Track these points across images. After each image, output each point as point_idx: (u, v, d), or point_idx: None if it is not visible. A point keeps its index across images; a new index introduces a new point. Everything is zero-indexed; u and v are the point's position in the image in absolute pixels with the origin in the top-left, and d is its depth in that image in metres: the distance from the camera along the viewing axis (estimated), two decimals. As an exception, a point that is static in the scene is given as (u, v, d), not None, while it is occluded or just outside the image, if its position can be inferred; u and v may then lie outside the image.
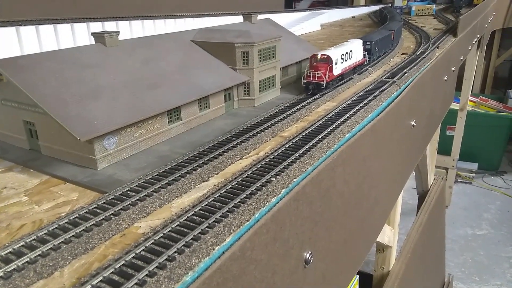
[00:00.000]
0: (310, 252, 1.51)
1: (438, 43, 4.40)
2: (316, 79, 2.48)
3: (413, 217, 5.07)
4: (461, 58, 5.36)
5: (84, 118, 1.59)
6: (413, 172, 5.54)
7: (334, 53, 2.59)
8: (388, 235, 3.85)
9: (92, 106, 1.68)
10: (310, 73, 2.50)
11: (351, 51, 2.84)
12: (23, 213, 1.35)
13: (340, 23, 7.90)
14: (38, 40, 3.06)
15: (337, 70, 2.64)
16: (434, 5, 8.55)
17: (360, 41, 3.06)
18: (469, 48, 6.14)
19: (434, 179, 6.08)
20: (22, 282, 0.99)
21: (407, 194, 7.61)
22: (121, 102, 1.78)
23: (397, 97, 2.50)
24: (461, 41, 5.03)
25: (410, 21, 6.97)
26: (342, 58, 2.69)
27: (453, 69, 4.53)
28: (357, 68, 3.07)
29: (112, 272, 0.98)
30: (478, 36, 6.99)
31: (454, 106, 8.31)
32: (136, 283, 0.94)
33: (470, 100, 9.74)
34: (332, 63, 2.54)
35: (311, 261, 1.51)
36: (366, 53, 3.21)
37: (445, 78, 4.08)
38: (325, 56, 2.54)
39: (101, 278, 0.96)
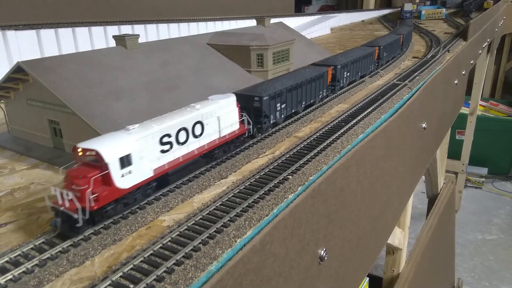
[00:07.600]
0: (324, 249, 1.55)
1: (449, 46, 4.42)
2: (67, 205, 1.15)
3: (422, 221, 5.07)
4: (472, 62, 5.36)
5: (108, 117, 1.66)
6: (423, 177, 5.54)
7: (126, 143, 1.24)
8: (399, 237, 3.87)
9: (115, 106, 1.75)
10: (60, 190, 1.16)
11: (198, 122, 1.49)
12: (51, 207, 1.41)
13: (350, 27, 7.94)
14: (57, 42, 3.15)
15: (134, 177, 1.26)
16: (444, 9, 8.56)
17: (232, 99, 1.70)
18: (479, 52, 6.14)
19: (444, 183, 6.07)
20: (56, 269, 1.05)
21: (416, 199, 7.59)
22: (142, 103, 1.84)
23: (409, 99, 2.53)
24: (472, 45, 5.04)
25: (420, 25, 7.01)
26: (165, 143, 1.38)
27: (463, 72, 4.54)
28: (216, 153, 1.63)
29: (141, 261, 1.04)
30: (488, 40, 6.98)
31: (464, 110, 8.29)
32: (164, 271, 0.99)
33: (480, 105, 9.70)
34: (109, 168, 1.19)
35: (326, 258, 1.55)
36: (246, 117, 1.79)
37: (456, 82, 4.09)
38: (94, 153, 1.19)
39: (131, 266, 1.02)
